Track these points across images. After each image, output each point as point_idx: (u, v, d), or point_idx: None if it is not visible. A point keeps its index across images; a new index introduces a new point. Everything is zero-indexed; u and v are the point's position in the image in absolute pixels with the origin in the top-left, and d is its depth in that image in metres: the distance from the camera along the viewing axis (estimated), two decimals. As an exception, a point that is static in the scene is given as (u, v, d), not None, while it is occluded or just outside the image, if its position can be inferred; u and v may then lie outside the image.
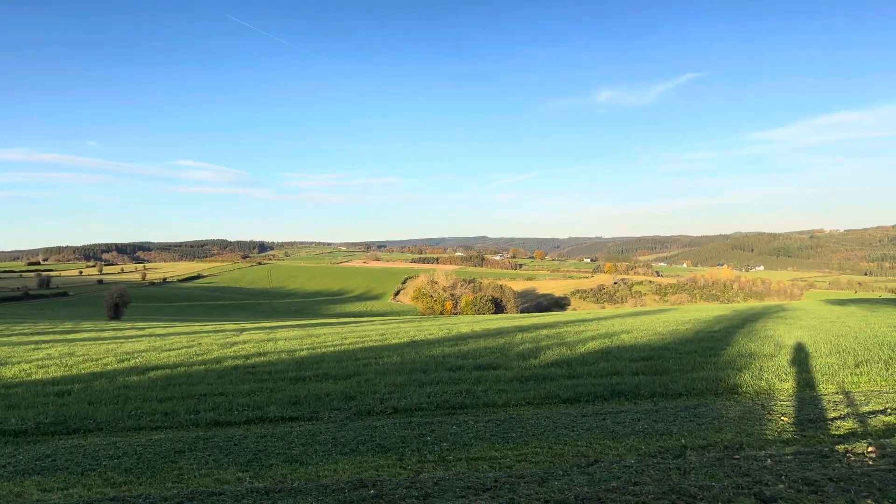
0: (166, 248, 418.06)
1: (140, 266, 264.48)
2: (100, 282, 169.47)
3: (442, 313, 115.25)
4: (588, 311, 55.23)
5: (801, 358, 12.34)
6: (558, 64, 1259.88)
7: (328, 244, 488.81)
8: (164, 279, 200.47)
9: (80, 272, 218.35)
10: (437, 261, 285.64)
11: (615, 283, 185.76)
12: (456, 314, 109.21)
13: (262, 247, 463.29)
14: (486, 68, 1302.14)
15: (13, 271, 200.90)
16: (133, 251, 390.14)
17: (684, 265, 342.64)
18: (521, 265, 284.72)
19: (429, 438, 7.21)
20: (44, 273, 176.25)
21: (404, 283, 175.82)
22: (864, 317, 23.19)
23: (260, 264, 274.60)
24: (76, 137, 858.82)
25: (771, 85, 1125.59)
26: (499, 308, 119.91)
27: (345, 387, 10.88)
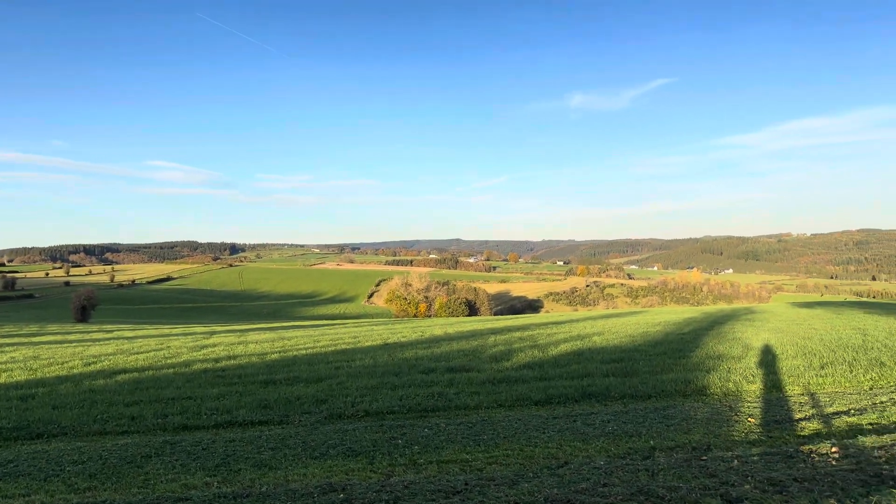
0: (135, 250, 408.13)
1: (108, 268, 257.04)
2: (67, 283, 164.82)
3: (416, 315, 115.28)
4: (561, 314, 55.77)
5: (768, 360, 12.58)
6: (531, 68, 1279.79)
7: (301, 246, 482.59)
8: (133, 281, 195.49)
9: (47, 274, 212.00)
10: (411, 263, 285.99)
11: (588, 286, 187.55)
12: (430, 316, 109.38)
13: (234, 248, 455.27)
14: (458, 72, 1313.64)
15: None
16: (101, 252, 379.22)
17: (655, 268, 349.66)
18: (495, 267, 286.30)
19: (400, 442, 7.17)
20: (9, 275, 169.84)
21: (378, 285, 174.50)
22: (829, 319, 23.78)
23: (231, 266, 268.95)
24: (41, 137, 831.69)
25: (740, 91, 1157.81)
26: (472, 310, 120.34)
27: (316, 390, 10.74)
